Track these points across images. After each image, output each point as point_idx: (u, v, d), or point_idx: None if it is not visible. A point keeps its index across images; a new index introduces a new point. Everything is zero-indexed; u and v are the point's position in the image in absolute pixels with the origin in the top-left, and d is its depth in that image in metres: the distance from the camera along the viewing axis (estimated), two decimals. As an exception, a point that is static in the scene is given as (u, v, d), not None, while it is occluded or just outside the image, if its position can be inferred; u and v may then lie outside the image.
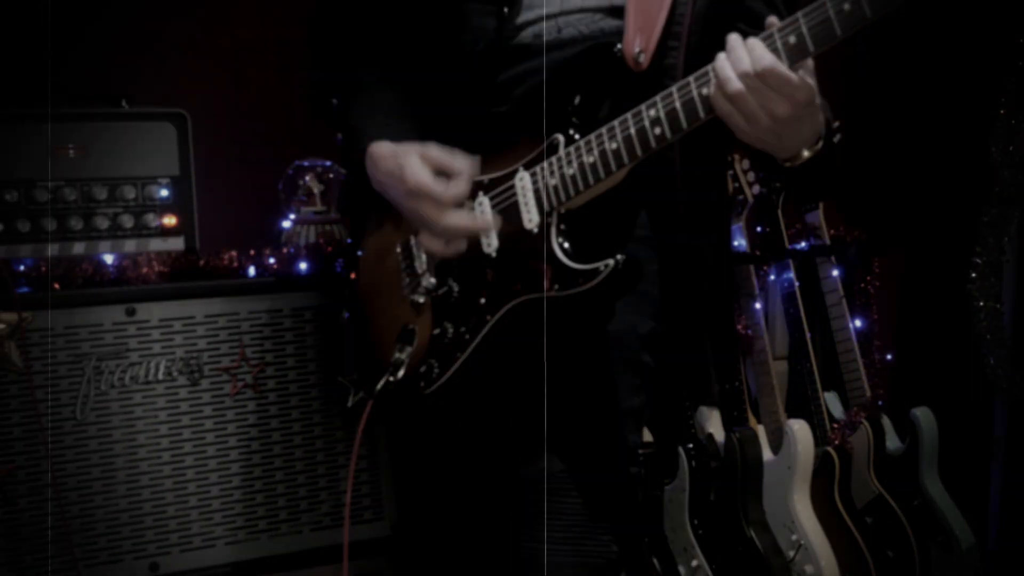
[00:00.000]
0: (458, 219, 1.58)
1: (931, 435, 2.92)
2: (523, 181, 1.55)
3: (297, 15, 2.77)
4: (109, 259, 2.20)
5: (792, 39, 1.33)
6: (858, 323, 3.01)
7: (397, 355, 1.66)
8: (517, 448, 1.64)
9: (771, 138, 1.40)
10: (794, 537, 2.68)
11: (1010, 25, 2.87)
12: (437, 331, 1.64)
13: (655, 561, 2.62)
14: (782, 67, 1.33)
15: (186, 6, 2.66)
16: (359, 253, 1.83)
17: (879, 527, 2.82)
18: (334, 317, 2.30)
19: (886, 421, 2.98)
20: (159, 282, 2.19)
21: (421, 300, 1.67)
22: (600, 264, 1.46)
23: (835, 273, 2.96)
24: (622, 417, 1.62)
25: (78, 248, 2.21)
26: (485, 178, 1.60)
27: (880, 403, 2.97)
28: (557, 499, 1.58)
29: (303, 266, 2.31)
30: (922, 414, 2.93)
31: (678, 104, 1.41)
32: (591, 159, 1.48)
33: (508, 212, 1.56)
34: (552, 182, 1.51)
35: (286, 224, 2.50)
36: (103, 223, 2.23)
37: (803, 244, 2.97)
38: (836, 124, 1.57)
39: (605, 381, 1.60)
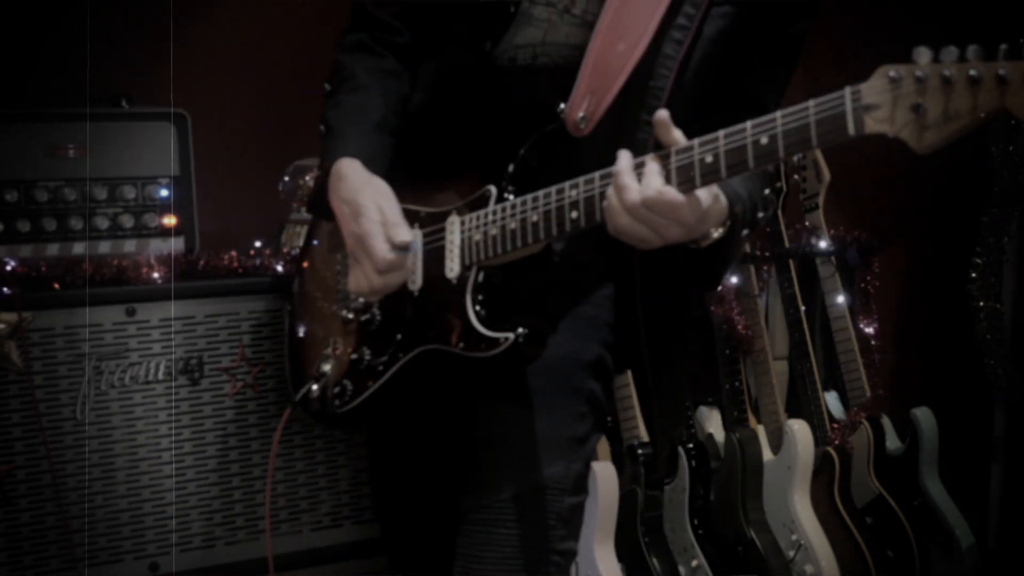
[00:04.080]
0: (384, 283, 1.54)
1: (931, 435, 2.93)
2: (453, 227, 1.52)
3: (297, 15, 2.77)
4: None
5: (683, 162, 1.26)
6: (858, 323, 3.01)
7: (321, 366, 1.71)
8: (446, 479, 1.64)
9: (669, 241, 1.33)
10: (794, 537, 2.68)
11: (1010, 25, 2.87)
12: (355, 356, 1.66)
13: (655, 561, 2.62)
14: (670, 193, 1.26)
15: (186, 6, 2.66)
16: (313, 243, 1.86)
17: (879, 527, 2.82)
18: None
19: (886, 421, 2.98)
20: (159, 282, 2.19)
21: (350, 317, 1.68)
22: (502, 336, 1.45)
23: (835, 273, 2.97)
24: (563, 445, 1.56)
25: (78, 248, 2.20)
26: (423, 211, 1.58)
27: (880, 403, 2.97)
28: (493, 529, 1.52)
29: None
30: (922, 414, 2.94)
31: (597, 194, 1.34)
32: (513, 225, 1.44)
33: (434, 254, 1.54)
34: (476, 238, 1.48)
35: (286, 224, 2.50)
36: (103, 223, 2.23)
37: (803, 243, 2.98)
38: (768, 193, 1.47)
39: (540, 409, 1.55)
